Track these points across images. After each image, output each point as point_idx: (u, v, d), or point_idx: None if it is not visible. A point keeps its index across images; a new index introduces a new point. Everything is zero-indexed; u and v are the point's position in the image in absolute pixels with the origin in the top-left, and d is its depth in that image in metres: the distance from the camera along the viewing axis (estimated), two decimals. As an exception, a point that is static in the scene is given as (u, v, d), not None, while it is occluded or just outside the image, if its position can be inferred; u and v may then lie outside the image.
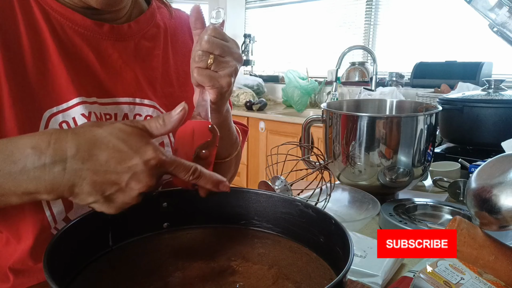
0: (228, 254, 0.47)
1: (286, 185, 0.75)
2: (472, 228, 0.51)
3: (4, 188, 0.38)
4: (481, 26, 1.28)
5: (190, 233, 0.52)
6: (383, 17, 2.84)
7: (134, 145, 0.38)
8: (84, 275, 0.42)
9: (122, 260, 0.45)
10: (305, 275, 0.43)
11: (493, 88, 1.11)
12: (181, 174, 0.41)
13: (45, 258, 0.35)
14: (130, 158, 0.38)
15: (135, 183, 0.38)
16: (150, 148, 0.38)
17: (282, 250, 0.49)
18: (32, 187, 0.38)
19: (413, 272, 0.50)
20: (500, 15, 1.07)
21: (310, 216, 0.49)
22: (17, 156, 0.37)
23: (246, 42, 3.32)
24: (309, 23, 3.22)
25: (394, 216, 0.71)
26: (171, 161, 0.40)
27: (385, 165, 0.80)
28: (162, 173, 0.40)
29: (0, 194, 0.39)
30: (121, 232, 0.48)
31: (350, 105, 1.04)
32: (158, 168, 0.39)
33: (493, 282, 0.46)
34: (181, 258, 0.46)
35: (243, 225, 0.54)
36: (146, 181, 0.38)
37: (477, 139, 1.11)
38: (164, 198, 0.52)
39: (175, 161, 0.40)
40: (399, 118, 0.80)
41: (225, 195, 0.53)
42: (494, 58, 2.20)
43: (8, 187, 0.38)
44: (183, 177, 0.41)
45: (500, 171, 0.50)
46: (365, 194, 0.81)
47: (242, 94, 2.85)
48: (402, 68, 2.59)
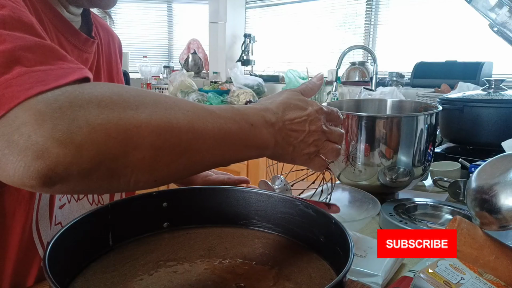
0: (228, 254, 0.47)
1: (286, 185, 0.75)
2: (472, 228, 0.51)
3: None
4: (481, 26, 1.27)
5: (190, 233, 0.52)
6: (383, 17, 2.84)
7: (304, 101, 0.49)
8: (84, 275, 0.42)
9: (122, 260, 0.45)
10: (305, 275, 0.43)
11: (493, 88, 1.10)
12: (337, 122, 0.52)
13: (45, 258, 0.35)
14: (306, 109, 0.48)
15: (313, 125, 0.48)
16: (314, 102, 0.50)
17: (282, 250, 0.49)
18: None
19: (413, 272, 0.50)
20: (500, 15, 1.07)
21: (310, 216, 0.49)
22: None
23: (246, 42, 3.32)
24: (309, 23, 3.22)
25: (394, 216, 0.71)
26: (328, 109, 0.51)
27: (385, 165, 0.80)
28: (325, 119, 0.50)
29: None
30: (121, 232, 0.48)
31: (350, 105, 1.04)
32: (323, 113, 0.49)
33: (493, 282, 0.46)
34: (181, 258, 0.46)
35: (243, 225, 0.54)
36: (319, 124, 0.49)
37: (477, 139, 1.11)
38: (164, 198, 0.52)
39: (330, 109, 0.51)
40: (399, 118, 0.80)
41: (225, 195, 0.53)
42: (495, 58, 2.20)
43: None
44: (338, 123, 0.53)
45: (500, 171, 0.50)
46: (365, 194, 0.81)
47: (242, 94, 2.85)
48: (402, 68, 2.58)
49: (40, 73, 0.33)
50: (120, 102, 0.33)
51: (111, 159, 0.32)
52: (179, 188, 0.55)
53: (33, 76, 0.32)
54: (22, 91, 0.31)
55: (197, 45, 3.69)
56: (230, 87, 3.05)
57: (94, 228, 0.45)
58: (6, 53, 0.33)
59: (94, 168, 0.31)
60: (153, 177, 0.35)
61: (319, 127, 0.48)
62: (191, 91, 2.98)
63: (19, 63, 0.33)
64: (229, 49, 3.49)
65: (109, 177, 0.33)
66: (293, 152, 0.48)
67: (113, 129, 0.32)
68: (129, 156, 0.33)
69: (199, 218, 0.54)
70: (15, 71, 0.33)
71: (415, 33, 2.64)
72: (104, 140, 0.31)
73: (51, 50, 0.36)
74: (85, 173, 0.31)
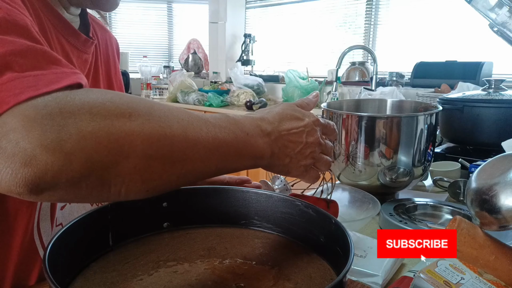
0: (228, 254, 0.47)
1: (285, 185, 0.75)
2: (472, 228, 0.51)
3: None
4: (481, 26, 1.28)
5: (190, 233, 0.52)
6: (383, 17, 2.84)
7: (301, 113, 0.49)
8: (84, 275, 0.42)
9: (122, 260, 0.45)
10: (305, 275, 0.43)
11: (493, 88, 1.10)
12: (332, 136, 0.53)
13: (45, 258, 0.35)
14: (302, 119, 0.48)
15: (310, 137, 0.48)
16: (311, 114, 0.50)
17: (282, 250, 0.49)
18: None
19: (413, 272, 0.50)
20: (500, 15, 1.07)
21: (310, 216, 0.49)
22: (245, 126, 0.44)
23: (246, 42, 3.32)
24: (309, 23, 3.22)
25: (394, 216, 0.71)
26: (325, 121, 0.51)
27: (385, 165, 0.80)
28: (321, 132, 0.50)
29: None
30: (121, 232, 0.48)
31: (350, 105, 1.04)
32: (319, 124, 0.49)
33: (493, 282, 0.46)
34: (181, 258, 0.46)
35: (243, 225, 0.54)
36: (316, 136, 0.48)
37: (477, 139, 1.11)
38: (164, 198, 0.52)
39: (326, 122, 0.51)
40: (399, 118, 0.80)
41: (225, 195, 0.53)
42: (495, 58, 2.20)
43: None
44: (333, 137, 0.53)
45: (500, 171, 0.50)
46: (365, 194, 0.81)
47: (242, 94, 2.85)
48: (402, 68, 2.59)
49: (31, 78, 0.32)
50: (113, 109, 0.33)
51: (102, 168, 0.31)
52: (179, 188, 0.55)
53: (23, 81, 0.32)
54: (12, 96, 0.30)
55: (197, 45, 3.69)
56: (230, 87, 3.05)
57: (94, 228, 0.45)
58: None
59: (83, 177, 0.31)
60: (145, 187, 0.35)
61: (317, 139, 0.48)
62: (191, 91, 2.98)
63: (10, 68, 0.33)
64: (229, 49, 3.49)
65: (99, 186, 0.32)
66: (290, 163, 0.47)
67: (104, 137, 0.31)
68: (120, 165, 0.32)
69: (199, 218, 0.54)
70: (5, 77, 0.32)
71: (415, 33, 2.64)
72: (94, 148, 0.30)
73: (44, 54, 0.36)
74: (74, 182, 0.30)
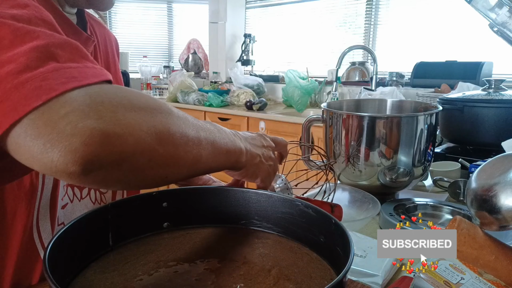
0: (228, 254, 0.47)
1: (286, 184, 0.75)
2: (472, 228, 0.51)
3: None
4: (481, 26, 1.28)
5: (190, 233, 0.52)
6: (383, 17, 2.84)
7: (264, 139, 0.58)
8: (84, 275, 0.42)
9: (122, 260, 0.45)
10: (305, 275, 0.43)
11: (493, 88, 1.10)
12: (284, 152, 0.64)
13: (45, 258, 0.35)
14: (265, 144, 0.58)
15: (266, 143, 0.58)
16: (269, 140, 0.59)
17: (282, 250, 0.49)
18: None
19: (413, 272, 0.50)
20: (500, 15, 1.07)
21: (310, 216, 0.49)
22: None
23: (246, 42, 3.32)
24: (309, 23, 3.22)
25: (394, 216, 0.71)
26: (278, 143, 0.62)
27: (385, 165, 0.80)
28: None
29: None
30: (121, 232, 0.48)
31: (350, 105, 1.04)
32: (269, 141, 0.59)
33: (493, 282, 0.46)
34: (181, 258, 0.46)
35: (243, 225, 0.54)
36: (274, 158, 0.59)
37: (477, 139, 1.11)
38: (164, 198, 0.52)
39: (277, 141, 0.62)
40: (399, 118, 0.80)
41: (225, 195, 0.53)
42: (495, 58, 2.20)
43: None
44: (284, 153, 0.64)
45: (500, 171, 0.50)
46: (365, 194, 0.81)
47: (242, 94, 2.85)
48: (402, 68, 2.58)
49: (72, 70, 0.36)
50: (150, 104, 0.38)
51: (141, 152, 0.35)
52: (179, 188, 0.55)
53: (67, 72, 0.35)
54: (59, 84, 0.33)
55: (197, 45, 3.69)
56: (230, 87, 3.05)
57: (94, 228, 0.45)
58: (41, 48, 0.35)
59: (128, 157, 0.34)
60: (165, 173, 0.39)
61: (270, 145, 0.59)
62: (191, 91, 2.98)
63: (53, 59, 0.36)
64: (229, 49, 3.49)
65: (138, 170, 0.36)
66: (260, 163, 0.54)
67: (146, 126, 0.36)
68: (157, 151, 0.37)
69: (199, 218, 0.54)
70: (50, 66, 0.35)
71: (415, 33, 2.64)
72: (138, 134, 0.35)
73: (77, 49, 0.39)
74: (118, 163, 0.34)
